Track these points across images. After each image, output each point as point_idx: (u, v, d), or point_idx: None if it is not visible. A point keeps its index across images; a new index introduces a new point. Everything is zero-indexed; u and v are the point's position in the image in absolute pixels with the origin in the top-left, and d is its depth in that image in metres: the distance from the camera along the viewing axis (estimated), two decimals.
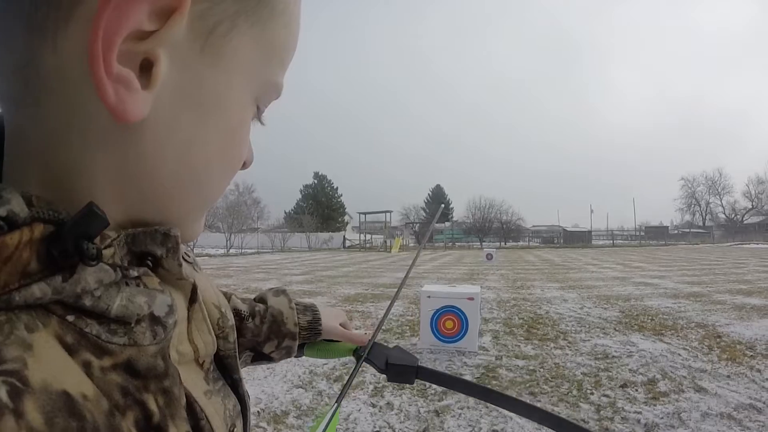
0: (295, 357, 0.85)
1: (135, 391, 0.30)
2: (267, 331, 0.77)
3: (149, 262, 0.34)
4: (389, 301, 0.90)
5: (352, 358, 0.87)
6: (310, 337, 0.84)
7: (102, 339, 0.29)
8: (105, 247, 0.30)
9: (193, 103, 0.32)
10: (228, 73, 0.33)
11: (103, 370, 0.28)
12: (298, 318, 0.81)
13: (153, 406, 0.31)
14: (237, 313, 0.74)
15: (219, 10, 0.31)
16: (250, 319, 0.76)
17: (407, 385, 4.41)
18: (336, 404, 0.70)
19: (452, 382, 0.75)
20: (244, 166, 0.42)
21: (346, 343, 0.90)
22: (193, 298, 0.41)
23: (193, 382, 0.38)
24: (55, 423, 0.23)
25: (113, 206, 0.31)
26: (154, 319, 0.33)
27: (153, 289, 0.34)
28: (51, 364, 0.25)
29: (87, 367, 0.28)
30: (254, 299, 0.81)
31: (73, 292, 0.27)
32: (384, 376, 0.81)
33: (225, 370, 0.46)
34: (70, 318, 0.28)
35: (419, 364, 0.77)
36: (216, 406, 0.40)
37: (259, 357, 0.79)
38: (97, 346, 0.29)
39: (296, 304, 0.83)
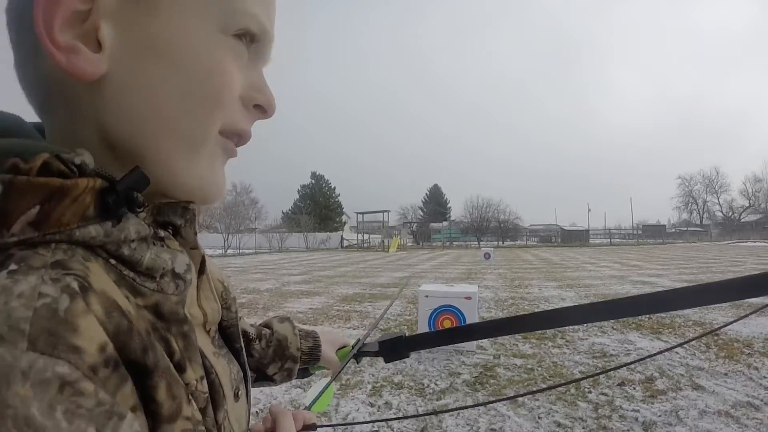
0: (295, 379, 0.93)
1: (161, 329, 0.36)
2: (272, 354, 0.84)
3: (170, 230, 0.41)
4: (387, 301, 0.91)
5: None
6: (310, 361, 0.91)
7: (137, 282, 0.36)
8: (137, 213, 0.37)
9: (148, 53, 0.36)
10: (172, 15, 0.36)
11: (137, 307, 0.35)
12: (300, 343, 0.88)
13: (175, 345, 0.36)
14: (245, 335, 0.80)
15: None
16: (257, 342, 0.83)
17: (405, 385, 4.42)
18: (330, 380, 0.82)
19: (442, 338, 0.80)
20: (264, 112, 0.46)
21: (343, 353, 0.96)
22: (202, 269, 0.47)
23: (203, 342, 0.43)
24: (112, 317, 0.30)
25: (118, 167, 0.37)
26: (175, 275, 0.39)
27: (175, 249, 0.40)
28: (105, 283, 0.32)
29: (126, 299, 0.34)
30: (260, 324, 0.87)
31: (118, 237, 0.34)
32: (382, 373, 0.83)
33: (228, 340, 0.52)
34: (113, 262, 0.35)
35: (406, 334, 0.82)
36: (222, 367, 0.46)
37: (261, 378, 0.85)
38: (132, 287, 0.35)
39: (299, 331, 0.90)
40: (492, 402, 1.32)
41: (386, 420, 1.19)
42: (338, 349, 0.97)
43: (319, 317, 7.87)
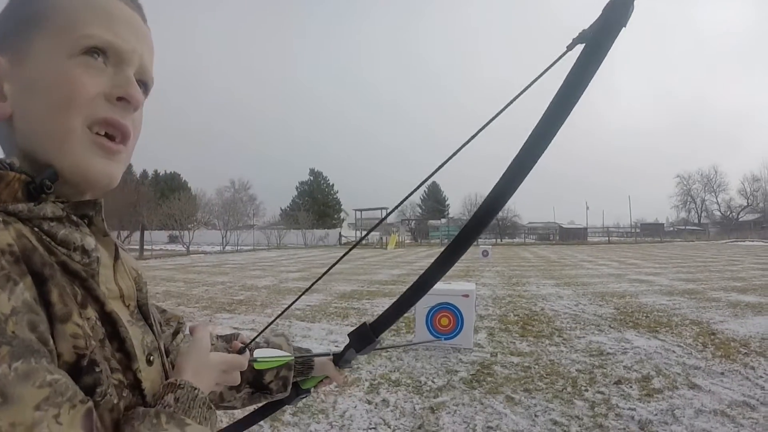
0: (289, 402, 1.01)
1: (64, 276, 0.49)
2: None
3: (86, 222, 0.56)
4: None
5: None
6: (304, 371, 0.99)
7: (52, 244, 0.50)
8: (55, 202, 0.52)
9: (29, 92, 0.52)
10: (36, 61, 0.52)
11: (48, 256, 0.48)
12: (293, 351, 0.97)
13: (75, 287, 0.50)
14: (243, 343, 0.87)
15: (20, 44, 0.53)
16: (253, 353, 0.89)
17: (402, 382, 4.43)
18: (290, 356, 0.89)
19: (400, 307, 0.85)
20: (128, 103, 0.56)
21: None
22: (116, 256, 0.60)
23: (120, 311, 0.56)
24: (22, 238, 0.46)
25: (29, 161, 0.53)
26: (84, 250, 0.53)
27: (84, 233, 0.54)
28: (26, 231, 0.47)
29: (40, 247, 0.48)
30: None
31: (38, 214, 0.49)
32: (380, 371, 0.86)
33: (144, 316, 0.63)
34: (36, 230, 0.49)
35: (368, 322, 0.87)
36: (136, 332, 0.58)
37: (258, 389, 0.93)
38: (48, 247, 0.49)
39: (293, 344, 1.00)
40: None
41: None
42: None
43: (317, 314, 7.88)
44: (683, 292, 10.29)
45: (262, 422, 3.53)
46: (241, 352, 0.78)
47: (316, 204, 71.59)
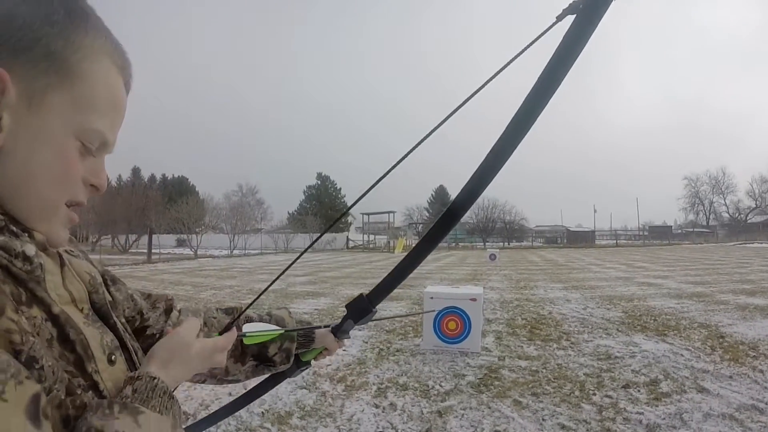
0: (290, 374, 1.06)
1: (6, 276, 0.50)
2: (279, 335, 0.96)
3: (27, 234, 0.55)
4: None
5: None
6: (305, 343, 1.04)
7: None
8: None
9: (27, 140, 0.51)
10: (47, 120, 0.52)
11: None
12: (295, 324, 1.03)
13: (13, 287, 0.50)
14: (248, 318, 0.97)
15: (35, 84, 0.51)
16: (267, 319, 0.99)
17: (410, 386, 4.44)
18: (278, 329, 0.91)
19: (396, 277, 0.92)
20: (97, 190, 0.60)
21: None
22: (62, 263, 0.61)
23: (73, 314, 0.57)
24: None
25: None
26: (25, 257, 0.52)
27: (24, 241, 0.53)
28: None
29: None
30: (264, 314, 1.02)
31: None
32: (387, 374, 0.89)
33: (103, 317, 0.65)
34: None
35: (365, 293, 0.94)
36: (93, 333, 0.59)
37: (263, 361, 0.98)
38: None
39: (294, 317, 1.05)
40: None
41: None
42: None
43: (324, 318, 7.90)
44: (691, 295, 10.24)
45: (270, 426, 3.56)
46: (228, 328, 0.80)
47: (324, 208, 71.73)
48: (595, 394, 4.19)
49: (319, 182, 77.34)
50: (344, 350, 5.70)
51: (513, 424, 3.61)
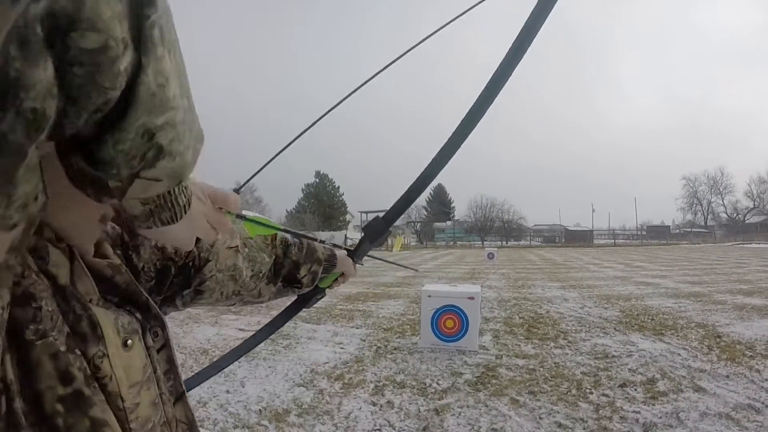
0: (306, 304, 1.21)
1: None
2: (304, 257, 1.04)
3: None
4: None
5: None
6: (329, 267, 1.10)
7: None
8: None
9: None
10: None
11: None
12: (323, 250, 1.09)
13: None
14: (284, 241, 1.03)
15: None
16: (294, 247, 1.04)
17: (407, 384, 4.45)
18: (281, 227, 0.95)
19: (407, 199, 0.98)
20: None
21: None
22: (72, 257, 0.54)
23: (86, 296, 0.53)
24: None
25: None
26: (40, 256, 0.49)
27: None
28: None
29: None
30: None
31: None
32: (385, 372, 0.91)
33: (131, 297, 0.61)
34: None
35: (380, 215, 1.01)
36: (104, 313, 0.53)
37: (291, 282, 1.05)
38: None
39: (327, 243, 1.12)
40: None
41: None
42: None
43: (322, 316, 7.90)
44: (689, 295, 10.26)
45: (267, 423, 3.56)
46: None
47: (322, 206, 71.67)
48: (592, 393, 4.20)
49: (317, 180, 77.28)
50: (342, 348, 5.71)
51: (510, 423, 3.62)
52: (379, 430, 3.55)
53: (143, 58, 0.34)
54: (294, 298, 1.19)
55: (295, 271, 1.02)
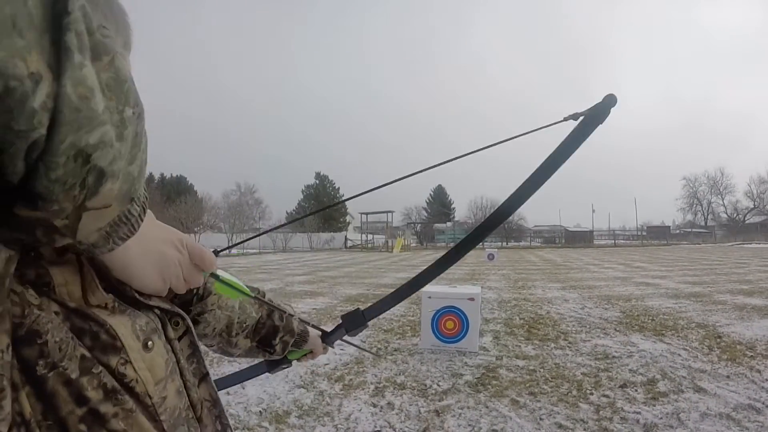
0: (270, 369, 1.18)
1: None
2: (283, 325, 1.04)
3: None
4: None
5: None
6: (299, 342, 1.10)
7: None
8: None
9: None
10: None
11: None
12: (297, 323, 1.09)
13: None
14: (270, 305, 1.00)
15: None
16: (276, 314, 1.03)
17: (408, 385, 4.44)
18: (252, 294, 0.85)
19: (393, 298, 1.00)
20: None
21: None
22: (80, 264, 0.52)
23: (93, 311, 0.51)
24: None
25: None
26: None
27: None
28: None
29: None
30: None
31: None
32: (385, 374, 0.92)
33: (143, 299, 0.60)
34: None
35: (361, 309, 1.04)
36: (120, 321, 0.53)
37: (263, 345, 1.03)
38: None
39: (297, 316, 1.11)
40: None
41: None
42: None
43: (322, 318, 7.90)
44: (689, 295, 10.26)
45: (268, 425, 3.56)
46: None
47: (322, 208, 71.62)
48: (592, 394, 4.20)
49: (317, 182, 77.39)
50: (341, 349, 5.70)
51: (510, 424, 3.62)
52: (379, 431, 3.55)
53: (59, 74, 0.32)
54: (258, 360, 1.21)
55: (272, 335, 1.03)
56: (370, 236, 59.35)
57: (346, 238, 56.31)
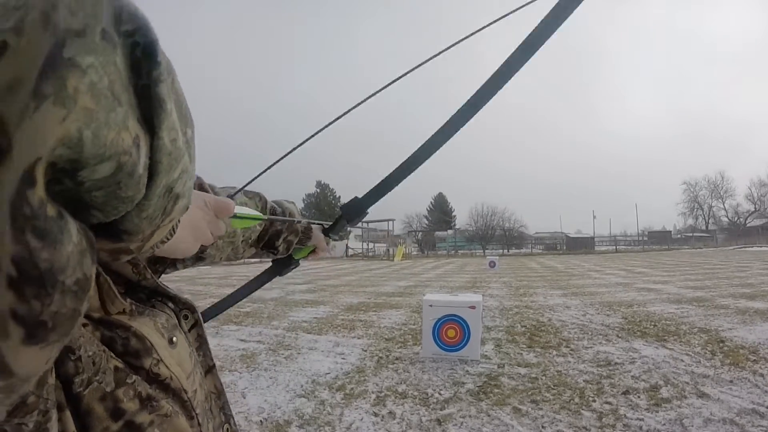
0: (280, 272, 1.21)
1: None
2: (285, 227, 1.06)
3: None
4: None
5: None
6: (304, 239, 1.12)
7: None
8: None
9: None
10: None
11: None
12: (300, 225, 1.10)
13: None
14: (272, 213, 1.03)
15: None
16: (279, 210, 1.05)
17: (409, 394, 4.42)
18: (266, 217, 0.92)
19: (385, 187, 1.00)
20: None
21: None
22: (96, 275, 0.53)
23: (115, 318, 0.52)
24: None
25: None
26: None
27: None
28: None
29: None
30: (274, 201, 1.08)
31: None
32: (386, 383, 0.90)
33: (160, 294, 0.63)
34: None
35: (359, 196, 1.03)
36: (143, 322, 0.54)
37: (267, 247, 1.07)
38: None
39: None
40: None
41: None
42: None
43: (323, 326, 7.88)
44: (691, 300, 10.23)
45: None
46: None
47: (323, 216, 71.63)
48: (594, 401, 4.18)
49: (318, 190, 77.37)
50: (343, 358, 5.69)
51: None
52: None
53: (156, 128, 0.32)
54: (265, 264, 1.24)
55: (275, 238, 1.06)
56: (371, 245, 59.30)
57: (347, 247, 56.26)
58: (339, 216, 1.05)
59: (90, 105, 0.27)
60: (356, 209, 1.01)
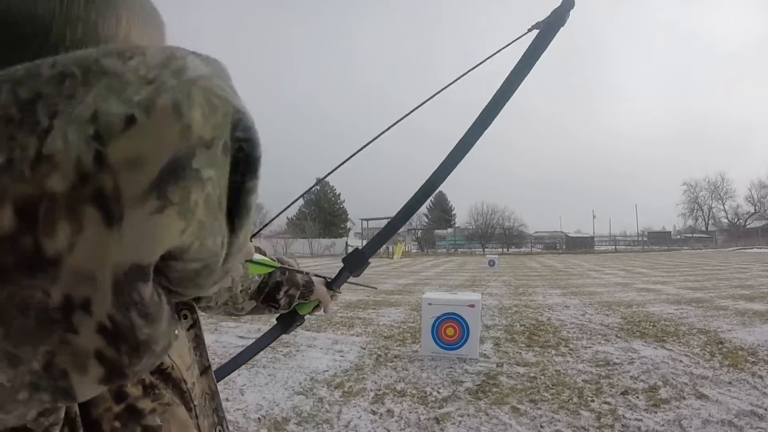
0: (285, 330, 1.18)
1: None
2: (286, 279, 1.07)
3: None
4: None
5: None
6: (305, 294, 1.11)
7: None
8: None
9: None
10: None
11: None
12: (302, 275, 1.11)
13: None
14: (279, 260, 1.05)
15: None
16: (277, 271, 1.05)
17: (408, 392, 4.42)
18: (278, 264, 0.99)
19: (384, 237, 1.05)
20: None
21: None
22: None
23: None
24: None
25: None
26: None
27: None
28: None
29: None
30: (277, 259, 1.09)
31: None
32: (385, 381, 0.91)
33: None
34: None
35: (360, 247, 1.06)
36: None
37: (268, 301, 1.07)
38: None
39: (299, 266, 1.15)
40: None
41: None
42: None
43: (322, 324, 7.88)
44: (691, 301, 10.23)
45: (265, 431, 3.54)
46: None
47: (323, 213, 71.71)
48: (593, 401, 4.18)
49: (318, 187, 77.36)
50: (342, 356, 5.69)
51: (511, 431, 3.59)
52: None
53: (237, 228, 0.34)
54: (269, 321, 1.23)
55: (276, 291, 1.06)
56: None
57: (346, 244, 56.24)
58: (341, 269, 1.05)
59: (203, 218, 0.29)
60: (358, 260, 1.01)
